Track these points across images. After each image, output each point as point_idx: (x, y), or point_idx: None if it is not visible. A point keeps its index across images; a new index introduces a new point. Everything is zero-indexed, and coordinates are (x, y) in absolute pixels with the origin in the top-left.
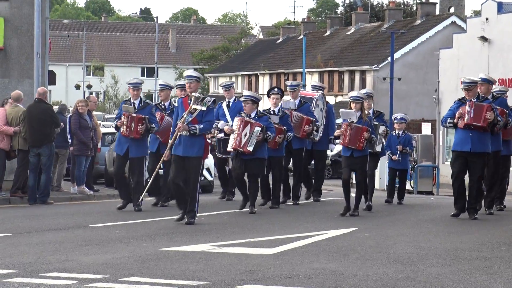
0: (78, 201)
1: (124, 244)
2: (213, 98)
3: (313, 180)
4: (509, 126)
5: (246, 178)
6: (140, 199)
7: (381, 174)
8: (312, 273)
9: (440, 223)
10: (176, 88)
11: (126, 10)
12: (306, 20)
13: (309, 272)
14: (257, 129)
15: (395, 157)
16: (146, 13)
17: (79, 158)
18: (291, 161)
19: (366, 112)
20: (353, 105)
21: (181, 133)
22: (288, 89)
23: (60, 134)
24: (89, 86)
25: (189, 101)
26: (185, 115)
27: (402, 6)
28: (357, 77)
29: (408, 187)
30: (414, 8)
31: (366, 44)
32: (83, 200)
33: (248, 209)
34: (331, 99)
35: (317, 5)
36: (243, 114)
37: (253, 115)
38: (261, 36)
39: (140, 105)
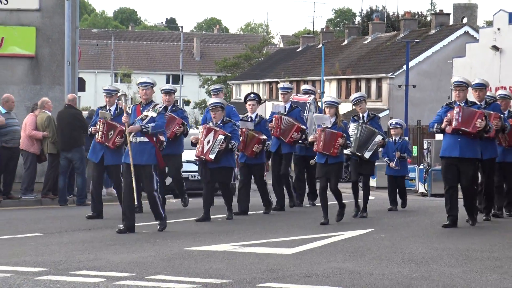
0: (106, 203)
1: (150, 244)
2: (164, 105)
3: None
4: (507, 131)
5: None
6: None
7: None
8: (330, 272)
9: None
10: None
11: (153, 20)
12: (325, 29)
13: (327, 271)
14: (220, 137)
15: (392, 164)
16: (171, 23)
17: None
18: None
19: (361, 115)
20: (327, 110)
21: (132, 137)
22: (279, 92)
23: (88, 138)
24: None
25: (141, 109)
26: (136, 121)
27: (417, 16)
28: (373, 84)
29: (422, 190)
30: (429, 18)
31: (383, 53)
32: (111, 201)
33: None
34: (348, 106)
35: (335, 16)
36: (210, 122)
37: (219, 122)
38: (281, 45)
39: (116, 111)
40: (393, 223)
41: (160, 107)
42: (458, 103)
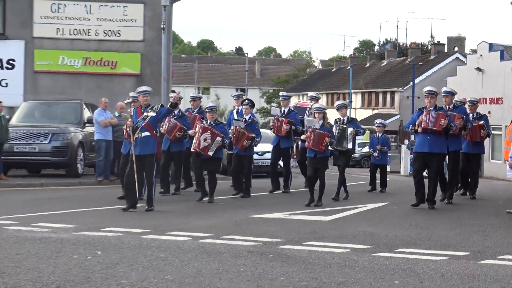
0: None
1: (224, 212)
2: (161, 103)
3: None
4: (468, 128)
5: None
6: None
7: (405, 164)
8: (356, 234)
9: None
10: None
11: (226, 48)
12: (352, 55)
13: (355, 233)
14: (219, 139)
15: (375, 154)
16: (239, 50)
17: None
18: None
19: (342, 118)
20: (316, 115)
21: (137, 133)
22: (280, 98)
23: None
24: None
25: (142, 110)
26: (139, 120)
27: (420, 46)
28: (388, 96)
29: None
30: (429, 47)
31: (395, 72)
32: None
33: (207, 199)
34: (369, 112)
35: (360, 45)
36: (204, 122)
37: (212, 122)
38: (320, 67)
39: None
40: (403, 198)
41: (158, 107)
42: (428, 108)
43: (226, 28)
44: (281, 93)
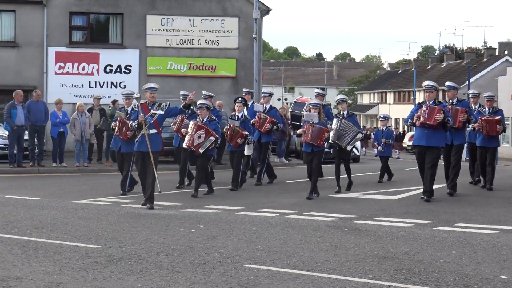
0: (280, 167)
1: (306, 192)
2: (169, 102)
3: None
4: (472, 122)
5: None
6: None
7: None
8: (419, 210)
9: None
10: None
11: (308, 53)
12: (416, 58)
13: (418, 210)
14: (212, 138)
15: (380, 148)
16: (319, 55)
17: (280, 141)
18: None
19: (342, 112)
20: (312, 110)
21: (145, 130)
22: (261, 95)
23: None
24: (286, 99)
25: (149, 107)
26: (146, 117)
27: (474, 50)
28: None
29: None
30: (482, 51)
31: (453, 73)
32: (283, 166)
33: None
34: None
35: (423, 49)
36: (197, 119)
37: (205, 119)
38: (388, 69)
39: (132, 111)
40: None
41: (166, 105)
42: (427, 103)
43: (308, 36)
44: (263, 89)
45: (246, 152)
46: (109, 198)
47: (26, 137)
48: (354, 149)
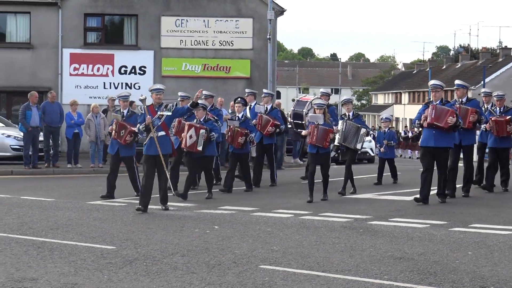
0: (293, 168)
1: (320, 194)
2: (175, 102)
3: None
4: (483, 122)
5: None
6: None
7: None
8: (434, 211)
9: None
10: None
11: (322, 54)
12: (430, 59)
13: (433, 211)
14: (202, 131)
15: (382, 149)
16: (334, 56)
17: (295, 142)
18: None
19: (347, 114)
20: (317, 111)
21: (153, 132)
22: (262, 96)
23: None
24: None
25: (155, 109)
26: (153, 119)
27: (489, 50)
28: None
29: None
30: (497, 51)
31: (468, 73)
32: (297, 167)
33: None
34: None
35: (437, 50)
36: (195, 121)
37: (201, 119)
38: (403, 69)
39: (128, 114)
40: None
41: (172, 106)
42: (434, 102)
43: (322, 37)
44: (264, 90)
45: (253, 154)
46: (123, 199)
47: (41, 138)
48: (369, 150)
